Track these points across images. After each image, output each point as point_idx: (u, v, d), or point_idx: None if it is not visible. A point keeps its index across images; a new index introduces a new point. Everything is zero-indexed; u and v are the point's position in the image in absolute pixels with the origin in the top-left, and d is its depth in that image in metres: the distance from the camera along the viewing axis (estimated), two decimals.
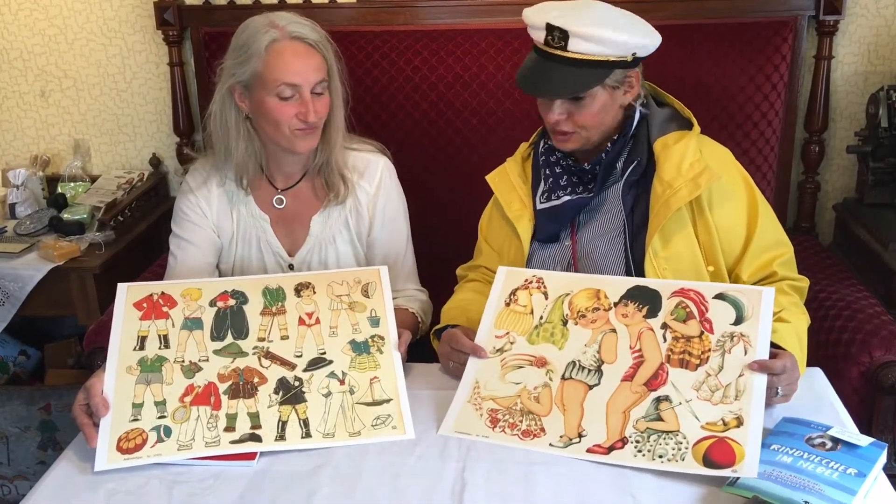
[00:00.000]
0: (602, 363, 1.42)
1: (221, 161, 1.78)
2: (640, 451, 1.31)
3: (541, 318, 1.50)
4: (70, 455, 1.39)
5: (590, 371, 1.42)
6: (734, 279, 1.58)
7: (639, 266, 1.57)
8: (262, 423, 1.40)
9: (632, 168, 1.59)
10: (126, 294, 1.53)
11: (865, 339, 1.82)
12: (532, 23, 1.55)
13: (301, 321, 1.53)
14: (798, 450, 1.27)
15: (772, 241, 1.60)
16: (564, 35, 1.49)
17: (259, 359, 1.48)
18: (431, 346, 1.69)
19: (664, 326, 1.42)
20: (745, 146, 2.27)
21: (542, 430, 1.38)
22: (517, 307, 1.53)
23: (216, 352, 1.48)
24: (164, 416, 1.40)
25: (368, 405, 1.44)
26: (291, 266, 1.84)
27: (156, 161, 2.66)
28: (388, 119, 2.35)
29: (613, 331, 1.44)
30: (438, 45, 2.31)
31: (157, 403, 1.42)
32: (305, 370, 1.47)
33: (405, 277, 1.88)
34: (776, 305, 1.49)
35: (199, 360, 1.47)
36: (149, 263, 2.34)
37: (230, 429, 1.39)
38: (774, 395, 1.38)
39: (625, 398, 1.37)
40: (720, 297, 1.42)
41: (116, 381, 1.43)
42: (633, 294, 1.47)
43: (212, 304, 1.53)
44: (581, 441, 1.35)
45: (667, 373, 1.38)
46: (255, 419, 1.40)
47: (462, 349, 1.52)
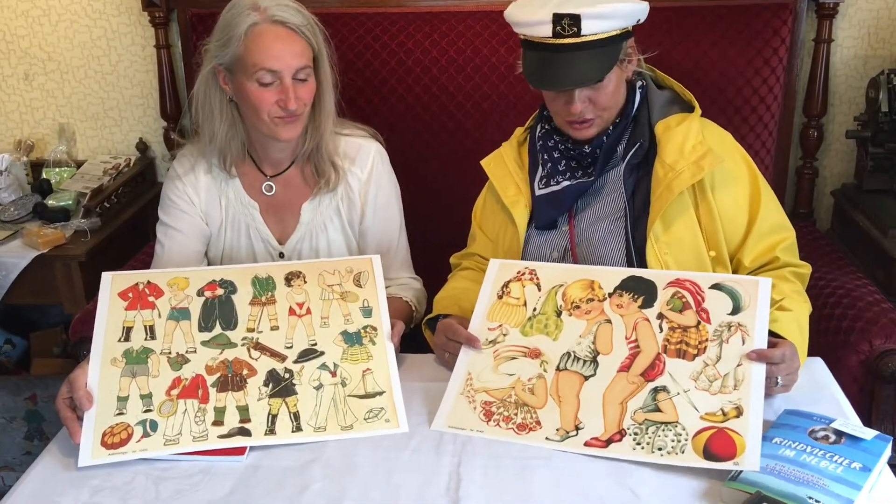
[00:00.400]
0: (597, 354, 1.39)
1: (206, 145, 1.74)
2: (639, 444, 1.28)
3: (534, 310, 1.47)
4: (53, 450, 1.36)
5: (585, 362, 1.39)
6: (736, 264, 1.56)
7: (640, 251, 1.54)
8: (252, 417, 1.37)
9: (634, 151, 1.57)
10: (111, 283, 1.49)
11: (865, 328, 1.80)
12: (533, 20, 1.48)
13: (291, 311, 1.49)
14: (801, 443, 1.24)
15: (774, 226, 1.58)
16: (576, 20, 1.45)
17: (248, 350, 1.44)
18: (425, 336, 1.66)
19: (660, 317, 1.40)
20: (744, 131, 2.24)
21: (538, 424, 1.35)
22: (510, 299, 1.50)
23: (204, 343, 1.45)
24: (151, 410, 1.37)
25: (361, 398, 1.41)
26: (282, 254, 1.80)
27: (143, 146, 2.62)
28: (380, 103, 2.31)
29: (608, 321, 1.42)
30: (431, 28, 2.28)
31: (143, 397, 1.38)
32: (296, 362, 1.44)
33: (399, 265, 1.85)
34: (778, 293, 1.48)
35: (187, 352, 1.43)
36: (136, 251, 2.31)
37: (218, 423, 1.36)
38: (774, 385, 1.36)
39: (621, 389, 1.35)
40: (716, 288, 1.40)
41: (101, 374, 1.40)
42: (628, 284, 1.44)
43: (199, 294, 1.49)
44: (578, 434, 1.32)
45: (664, 363, 1.35)
46: (245, 413, 1.37)
47: (457, 338, 1.49)
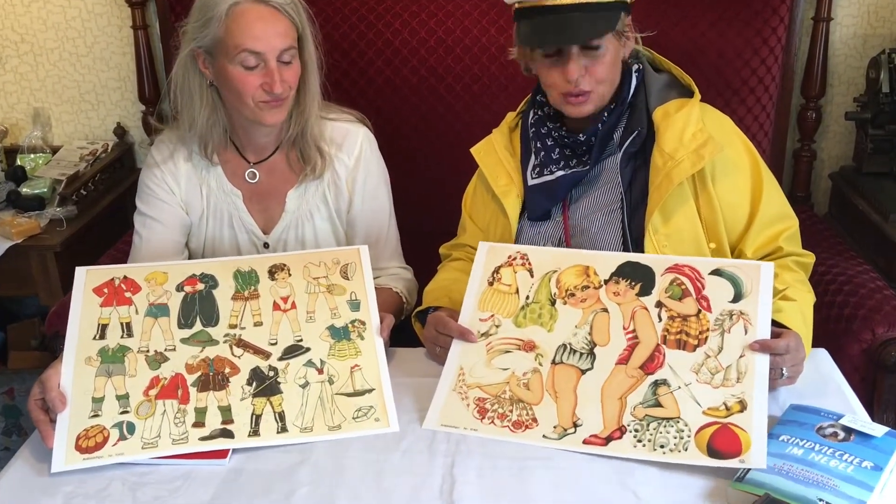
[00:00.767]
0: (594, 346, 1.34)
1: (186, 131, 1.68)
2: (640, 441, 1.24)
3: (527, 298, 1.42)
4: (25, 455, 1.30)
5: (582, 355, 1.34)
6: (737, 256, 1.51)
7: (637, 244, 1.49)
8: (235, 418, 1.31)
9: (631, 139, 1.51)
10: (85, 278, 1.43)
11: (868, 316, 1.76)
12: None
13: (276, 306, 1.44)
14: (809, 441, 1.20)
15: (777, 215, 1.53)
16: None
17: (230, 347, 1.39)
18: (415, 329, 1.61)
19: (659, 305, 1.35)
20: (741, 113, 2.19)
21: (535, 421, 1.30)
22: (501, 286, 1.44)
23: (184, 340, 1.39)
24: (127, 412, 1.31)
25: (349, 396, 1.36)
26: (266, 245, 1.74)
27: (121, 131, 2.55)
28: (366, 86, 2.25)
29: (605, 310, 1.36)
30: (419, 7, 2.21)
31: (120, 397, 1.33)
32: (281, 359, 1.39)
33: (388, 255, 1.80)
34: (781, 283, 1.44)
35: (166, 350, 1.38)
36: (114, 240, 2.25)
37: (199, 424, 1.30)
38: (779, 377, 1.31)
39: (620, 383, 1.30)
40: (717, 273, 1.35)
41: (75, 374, 1.34)
42: (625, 270, 1.39)
43: (179, 289, 1.44)
44: (576, 431, 1.27)
45: (663, 355, 1.31)
46: (227, 413, 1.32)
47: (448, 332, 1.43)
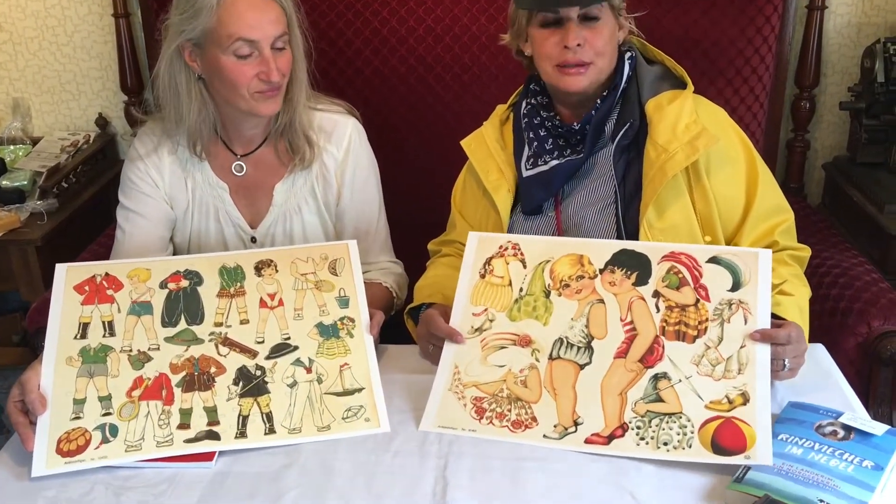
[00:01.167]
0: (592, 339, 1.32)
1: (172, 126, 1.64)
2: (643, 439, 1.22)
3: (521, 291, 1.39)
4: (5, 458, 1.27)
5: (579, 349, 1.32)
6: None
7: (632, 238, 1.46)
8: (221, 419, 1.29)
9: (624, 131, 1.49)
10: (65, 276, 1.40)
11: (864, 309, 1.75)
12: None
13: (262, 303, 1.41)
14: (808, 440, 1.18)
15: (772, 208, 1.51)
16: None
17: (216, 346, 1.36)
18: (407, 326, 1.58)
19: (656, 295, 1.32)
20: (734, 103, 2.17)
21: (534, 420, 1.27)
22: (493, 278, 1.41)
23: (168, 339, 1.36)
24: (110, 413, 1.28)
25: (338, 395, 1.33)
26: (254, 239, 1.71)
27: (102, 121, 2.51)
28: (354, 76, 2.21)
29: (601, 301, 1.34)
30: None
31: (102, 399, 1.29)
32: (268, 358, 1.36)
33: (378, 249, 1.77)
34: (777, 277, 1.42)
35: (149, 349, 1.35)
36: (96, 234, 2.21)
37: (184, 426, 1.27)
38: (781, 369, 1.29)
39: (620, 378, 1.28)
40: (714, 261, 1.33)
41: (55, 375, 1.31)
42: (620, 259, 1.36)
43: (162, 286, 1.40)
44: (577, 430, 1.25)
45: (662, 347, 1.29)
46: (213, 414, 1.29)
47: (438, 333, 1.40)
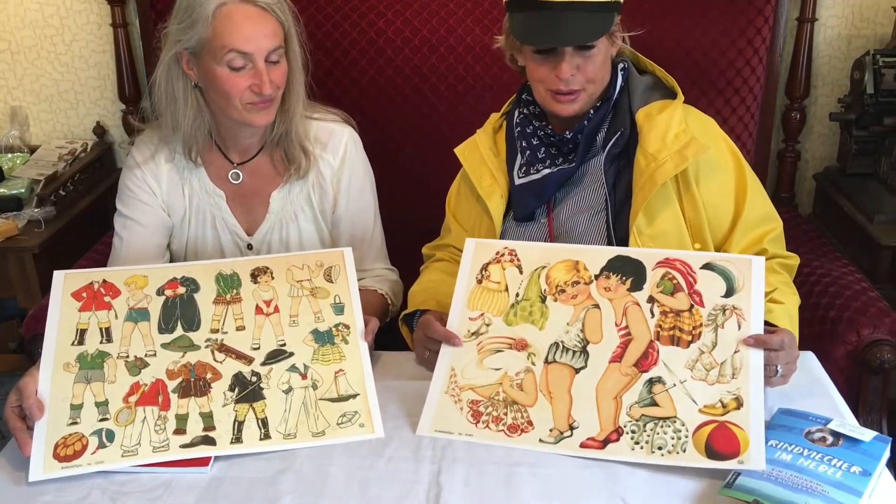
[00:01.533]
0: (587, 343, 1.33)
1: (169, 133, 1.65)
2: (638, 443, 1.23)
3: (517, 296, 1.40)
4: (2, 463, 1.27)
5: (575, 353, 1.33)
6: None
7: (622, 245, 1.48)
8: (217, 425, 1.29)
9: (614, 139, 1.50)
10: (63, 282, 1.41)
11: (853, 318, 1.76)
12: None
13: (258, 310, 1.41)
14: (798, 446, 1.19)
15: (761, 216, 1.53)
16: None
17: (212, 352, 1.37)
18: (402, 333, 1.59)
19: (651, 300, 1.34)
20: (726, 113, 2.19)
21: (530, 424, 1.28)
22: (490, 284, 1.43)
23: (164, 345, 1.37)
24: (107, 419, 1.29)
25: (333, 401, 1.34)
26: (250, 246, 1.72)
27: (100, 130, 2.52)
28: (350, 86, 2.22)
29: (596, 306, 1.35)
30: (403, 6, 2.19)
31: (99, 404, 1.30)
32: (264, 364, 1.36)
33: (374, 256, 1.78)
34: (767, 285, 1.43)
35: (146, 356, 1.35)
36: (93, 241, 2.21)
37: (181, 431, 1.28)
38: (773, 375, 1.31)
39: (615, 382, 1.29)
40: (708, 268, 1.35)
41: (52, 380, 1.31)
42: (615, 265, 1.38)
43: (159, 293, 1.41)
44: (573, 434, 1.26)
45: (657, 351, 1.30)
46: (209, 420, 1.30)
47: (435, 337, 1.41)
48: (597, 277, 1.38)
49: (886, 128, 2.09)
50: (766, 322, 1.34)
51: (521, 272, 1.42)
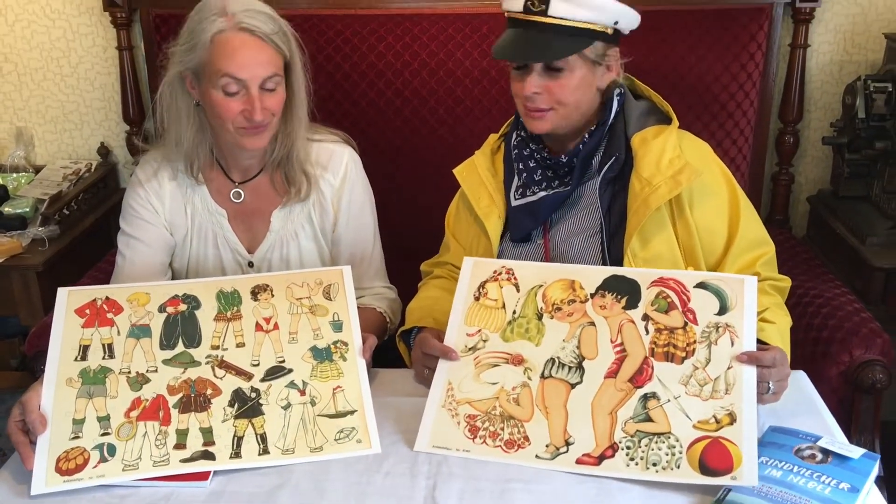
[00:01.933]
0: (583, 359, 1.35)
1: (172, 150, 1.68)
2: (633, 459, 1.24)
3: (514, 313, 1.42)
4: (5, 476, 1.29)
5: (570, 368, 1.35)
6: None
7: (617, 266, 1.49)
8: (216, 440, 1.31)
9: (609, 164, 1.53)
10: (67, 299, 1.42)
11: (845, 338, 1.78)
12: None
13: (258, 327, 1.43)
14: (787, 462, 1.21)
15: (754, 241, 1.55)
16: None
17: (212, 368, 1.38)
18: (399, 349, 1.61)
19: (645, 318, 1.36)
20: (720, 137, 2.22)
21: (527, 440, 1.30)
22: (487, 301, 1.45)
23: (165, 361, 1.38)
24: (108, 433, 1.30)
25: (331, 417, 1.36)
26: (251, 264, 1.74)
27: (104, 150, 2.54)
28: (350, 108, 2.26)
29: (592, 324, 1.37)
30: (403, 30, 2.23)
31: (101, 419, 1.32)
32: (263, 380, 1.38)
33: (373, 274, 1.80)
34: (759, 306, 1.44)
35: (147, 371, 1.37)
36: (96, 260, 2.23)
37: (181, 446, 1.30)
38: (765, 392, 1.32)
39: (610, 397, 1.31)
40: (702, 287, 1.37)
41: (55, 395, 1.33)
42: (610, 284, 1.40)
43: (161, 310, 1.43)
44: (569, 450, 1.28)
45: (652, 367, 1.32)
46: (208, 435, 1.31)
47: (432, 352, 1.43)
48: (592, 296, 1.40)
49: (878, 151, 2.12)
50: (758, 340, 1.35)
51: (518, 290, 1.44)
